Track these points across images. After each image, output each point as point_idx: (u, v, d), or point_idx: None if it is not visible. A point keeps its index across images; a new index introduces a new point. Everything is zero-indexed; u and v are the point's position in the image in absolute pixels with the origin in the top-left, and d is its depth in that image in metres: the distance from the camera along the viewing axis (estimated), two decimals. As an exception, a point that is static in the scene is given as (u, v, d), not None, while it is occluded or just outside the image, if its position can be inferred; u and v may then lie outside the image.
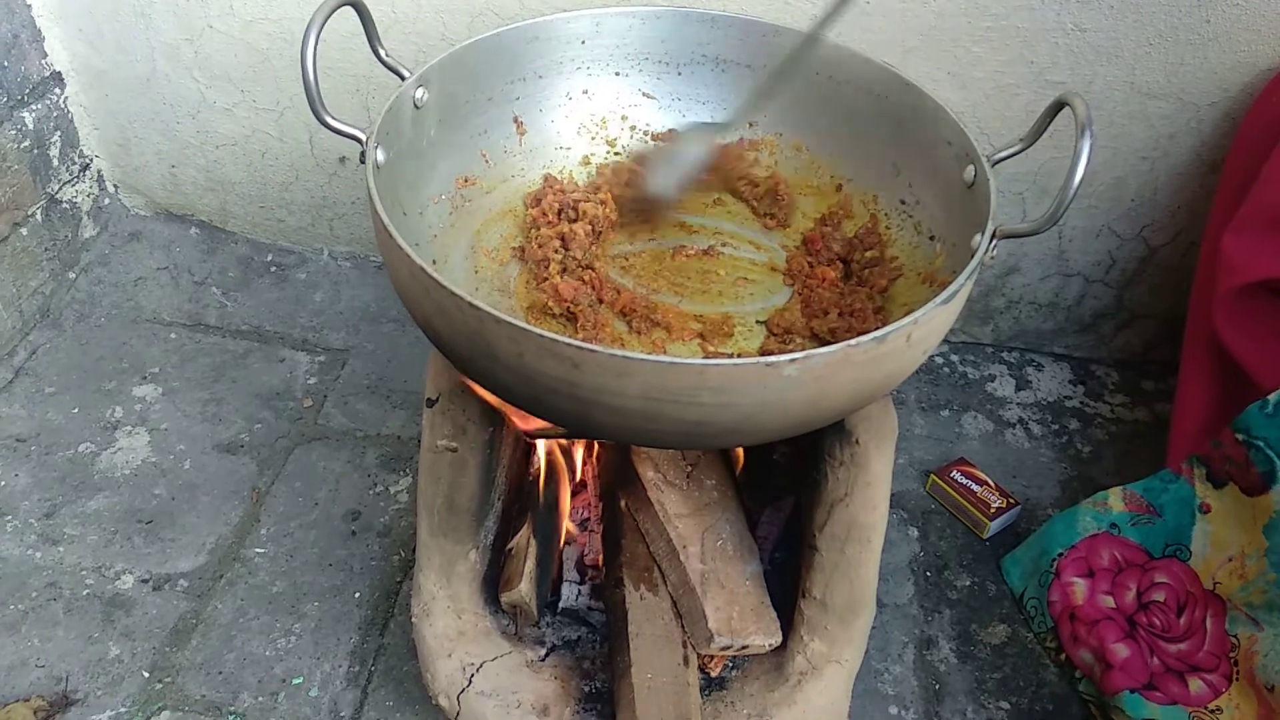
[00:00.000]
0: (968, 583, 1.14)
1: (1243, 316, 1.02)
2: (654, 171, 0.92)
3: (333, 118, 0.72)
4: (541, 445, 0.97)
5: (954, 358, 1.42)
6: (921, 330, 0.66)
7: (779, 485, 1.01)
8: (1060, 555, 1.08)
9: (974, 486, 1.20)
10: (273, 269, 1.48)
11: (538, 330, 0.61)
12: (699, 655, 0.87)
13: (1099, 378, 1.41)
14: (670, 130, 0.98)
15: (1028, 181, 1.26)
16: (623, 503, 0.94)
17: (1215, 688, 0.97)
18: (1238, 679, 0.96)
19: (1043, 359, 1.43)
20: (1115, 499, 1.08)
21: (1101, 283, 1.35)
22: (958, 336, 1.44)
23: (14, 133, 1.28)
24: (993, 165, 0.77)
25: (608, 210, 0.89)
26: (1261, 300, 1.01)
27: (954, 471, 1.21)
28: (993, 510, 1.17)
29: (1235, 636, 0.98)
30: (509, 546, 0.93)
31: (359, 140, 0.74)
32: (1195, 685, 0.98)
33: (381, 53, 0.81)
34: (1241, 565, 0.99)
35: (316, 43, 0.69)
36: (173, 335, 1.36)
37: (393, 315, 1.42)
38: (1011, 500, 1.19)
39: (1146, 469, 1.09)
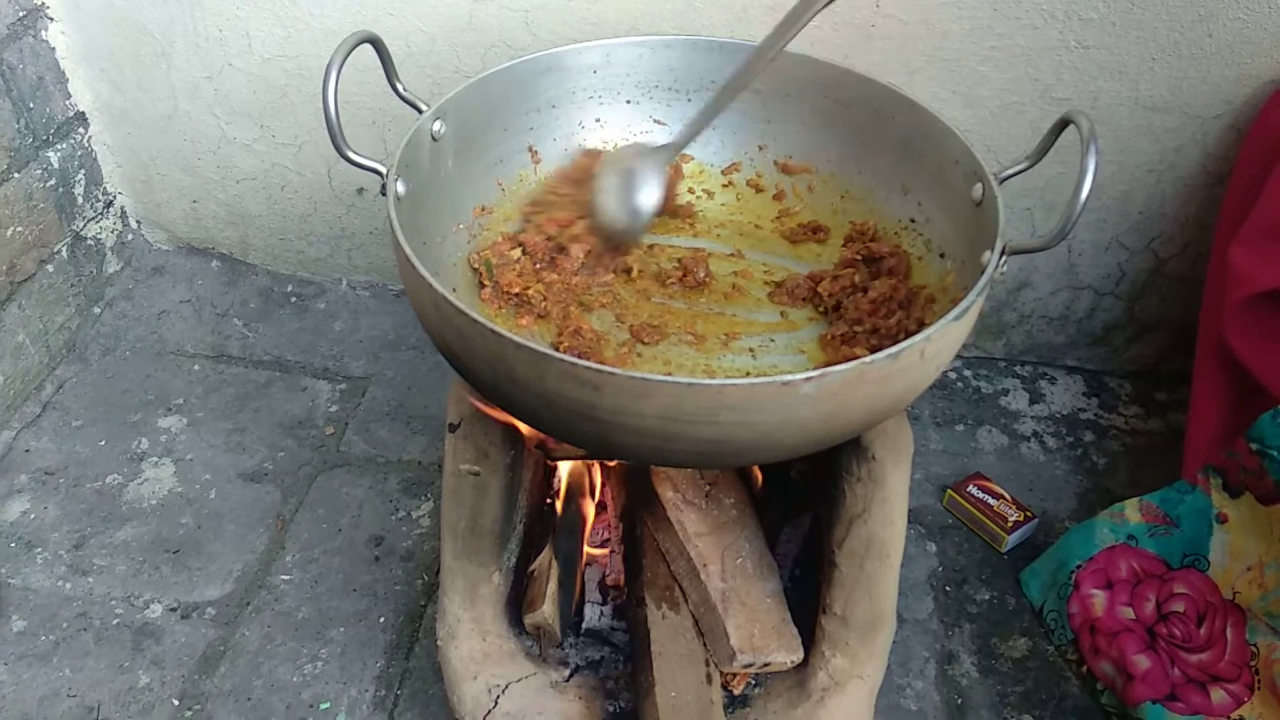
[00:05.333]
0: (987, 596, 1.15)
1: (1252, 326, 1.03)
2: (607, 205, 0.89)
3: (354, 152, 0.74)
4: (562, 467, 0.98)
5: (967, 372, 1.43)
6: (935, 346, 0.68)
7: (797, 502, 1.02)
8: (1079, 567, 1.09)
9: (991, 500, 1.20)
10: (293, 299, 1.50)
11: (559, 355, 0.62)
12: (722, 673, 0.88)
13: (1112, 389, 1.42)
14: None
15: (1035, 197, 1.27)
16: (643, 523, 0.95)
17: (1237, 697, 0.97)
18: (1259, 688, 0.96)
19: (1055, 372, 1.44)
20: (1132, 510, 1.09)
21: (1112, 295, 1.36)
22: (970, 351, 1.45)
23: (40, 172, 1.31)
24: (1000, 183, 0.78)
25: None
26: (1270, 310, 1.01)
27: (970, 486, 1.22)
28: (1010, 524, 1.18)
29: (1255, 645, 0.99)
30: (531, 569, 0.94)
31: (379, 174, 0.76)
32: (1217, 695, 0.98)
33: (399, 87, 0.83)
34: (1260, 575, 1.00)
35: (337, 81, 0.71)
36: (196, 367, 1.38)
37: (411, 342, 1.44)
38: (1029, 513, 1.19)
39: (1162, 480, 1.09)
